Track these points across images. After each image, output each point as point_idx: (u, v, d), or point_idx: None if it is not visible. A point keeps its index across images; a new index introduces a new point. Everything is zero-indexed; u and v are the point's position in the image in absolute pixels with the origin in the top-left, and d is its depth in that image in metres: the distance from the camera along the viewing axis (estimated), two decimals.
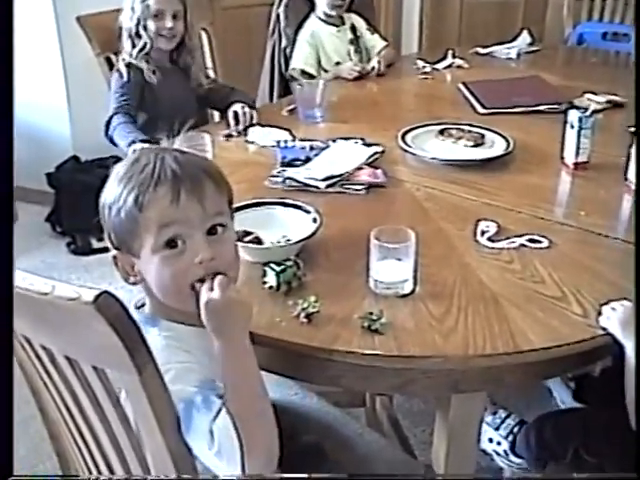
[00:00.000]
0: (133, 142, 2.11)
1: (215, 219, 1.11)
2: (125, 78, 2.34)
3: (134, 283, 1.13)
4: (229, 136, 2.19)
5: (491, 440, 1.86)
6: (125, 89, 2.33)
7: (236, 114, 2.25)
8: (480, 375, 1.25)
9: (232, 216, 1.20)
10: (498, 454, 1.85)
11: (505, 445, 1.84)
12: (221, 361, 1.07)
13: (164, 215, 1.06)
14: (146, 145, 2.11)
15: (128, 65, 2.35)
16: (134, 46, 2.35)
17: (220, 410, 1.03)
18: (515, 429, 1.83)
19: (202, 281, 1.08)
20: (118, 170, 1.11)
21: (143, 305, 1.18)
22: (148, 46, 2.36)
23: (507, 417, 1.86)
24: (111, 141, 2.28)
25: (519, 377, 1.30)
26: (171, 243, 1.08)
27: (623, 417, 1.25)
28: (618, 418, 1.26)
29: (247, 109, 2.26)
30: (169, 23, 2.34)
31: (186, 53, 2.44)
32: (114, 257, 1.13)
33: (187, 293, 1.09)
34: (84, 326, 0.91)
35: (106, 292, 0.88)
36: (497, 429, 1.85)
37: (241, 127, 2.22)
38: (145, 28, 2.35)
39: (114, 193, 1.08)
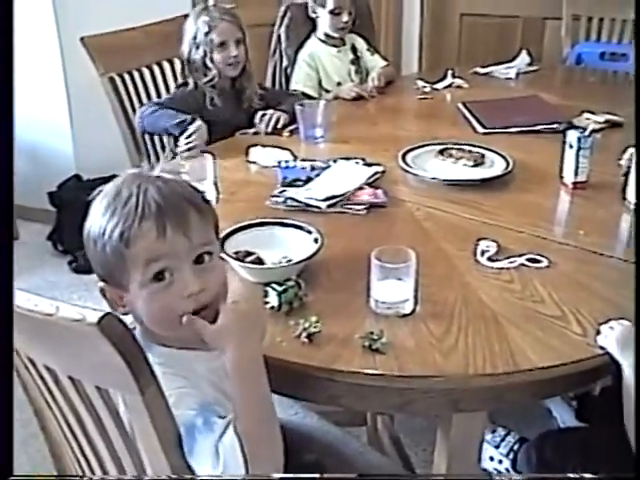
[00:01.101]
0: (186, 122, 2.23)
1: (202, 249, 1.11)
2: (187, 91, 2.43)
3: (124, 313, 1.12)
4: (256, 133, 2.40)
5: (492, 458, 1.87)
6: (177, 99, 2.41)
7: (263, 115, 2.40)
8: (480, 394, 1.26)
9: (220, 240, 1.21)
10: (499, 472, 1.85)
11: (506, 463, 1.84)
12: (234, 376, 1.07)
13: (151, 250, 1.05)
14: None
15: (195, 85, 2.43)
16: (204, 75, 2.41)
17: (225, 430, 1.04)
18: (515, 447, 1.83)
19: (195, 314, 1.09)
20: (101, 200, 1.09)
21: (133, 329, 1.18)
22: (217, 78, 2.41)
23: (507, 435, 1.86)
24: (147, 126, 2.36)
25: (519, 396, 1.31)
26: (159, 277, 1.07)
27: (623, 436, 1.26)
28: (618, 437, 1.27)
29: (276, 112, 2.40)
30: (234, 51, 2.40)
31: (246, 78, 2.50)
32: (101, 289, 1.12)
33: (178, 322, 1.08)
34: (88, 347, 0.92)
35: (110, 313, 0.89)
36: (497, 447, 1.86)
37: (264, 127, 2.39)
38: (212, 60, 2.40)
39: (98, 226, 1.07)
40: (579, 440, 1.56)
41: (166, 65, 2.73)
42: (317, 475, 1.30)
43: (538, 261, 1.56)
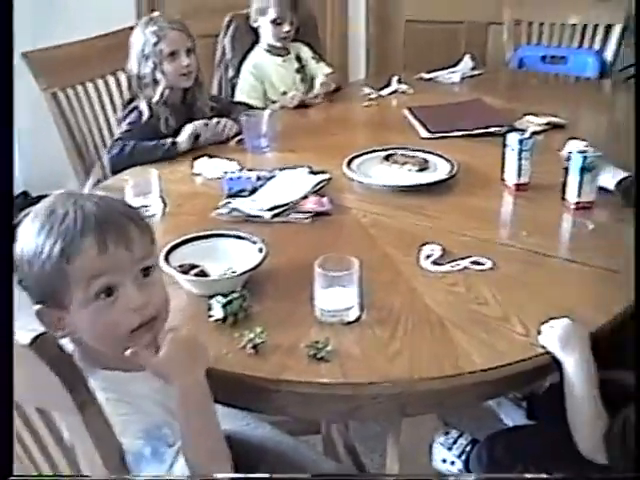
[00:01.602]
0: (167, 146, 2.22)
1: (143, 262, 1.10)
2: (143, 121, 2.31)
3: (63, 336, 1.09)
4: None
5: (444, 460, 1.88)
6: (136, 132, 2.28)
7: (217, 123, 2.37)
8: (427, 398, 1.27)
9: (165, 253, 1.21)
10: (453, 474, 1.87)
11: (459, 465, 1.86)
12: (181, 407, 1.07)
13: (93, 266, 1.04)
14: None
15: (150, 110, 2.31)
16: (154, 91, 2.31)
17: (176, 458, 1.03)
18: (468, 448, 1.85)
19: (142, 328, 1.09)
20: (32, 221, 1.07)
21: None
22: (167, 91, 2.32)
23: (459, 437, 1.88)
24: (124, 164, 2.18)
25: (466, 398, 1.33)
26: (102, 293, 1.06)
27: (569, 433, 1.28)
28: (566, 433, 1.29)
29: (229, 121, 2.38)
30: (186, 61, 2.31)
31: (198, 89, 2.43)
32: (38, 312, 1.07)
33: (126, 340, 1.08)
34: (23, 368, 0.91)
35: (44, 333, 0.87)
36: (450, 449, 1.87)
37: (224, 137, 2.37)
38: (163, 72, 2.30)
39: (33, 247, 1.05)
40: (528, 438, 1.58)
41: (111, 79, 2.70)
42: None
43: (482, 263, 1.58)
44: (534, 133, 2.17)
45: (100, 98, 2.66)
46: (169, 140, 2.26)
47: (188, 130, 2.28)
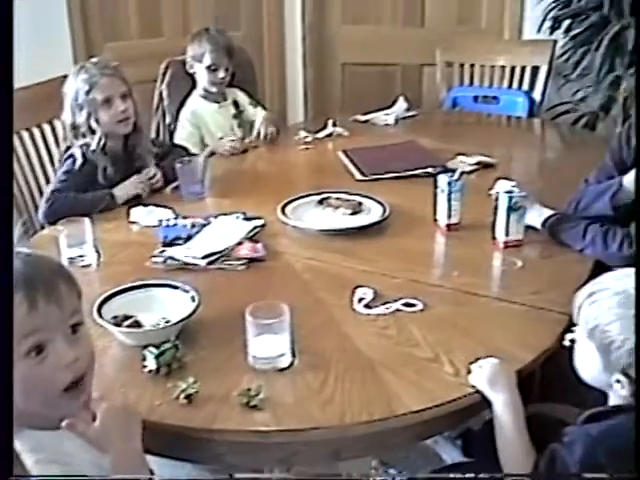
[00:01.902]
0: (106, 198, 2.18)
1: (73, 318, 1.10)
2: (77, 167, 2.24)
3: None
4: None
5: None
6: (71, 181, 2.22)
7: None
8: (360, 442, 1.29)
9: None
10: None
11: None
12: (115, 474, 1.08)
13: (23, 324, 1.02)
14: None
15: (84, 158, 2.25)
16: (91, 141, 2.25)
17: None
18: None
19: (74, 384, 1.08)
20: None
21: None
22: (103, 140, 2.26)
23: (398, 474, 1.89)
24: (54, 214, 2.10)
25: (399, 440, 1.35)
26: (32, 351, 1.04)
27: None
28: (499, 470, 1.32)
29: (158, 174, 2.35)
30: (122, 106, 2.25)
31: (137, 135, 2.37)
32: None
33: (57, 397, 1.07)
34: None
35: None
36: None
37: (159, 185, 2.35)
38: (98, 121, 2.24)
39: None
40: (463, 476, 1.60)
41: (47, 128, 2.69)
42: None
43: (413, 305, 1.61)
44: (465, 173, 2.23)
45: (36, 146, 2.65)
46: (106, 192, 2.22)
47: (130, 191, 2.25)
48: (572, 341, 1.33)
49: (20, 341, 1.03)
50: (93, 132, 2.26)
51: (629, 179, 1.82)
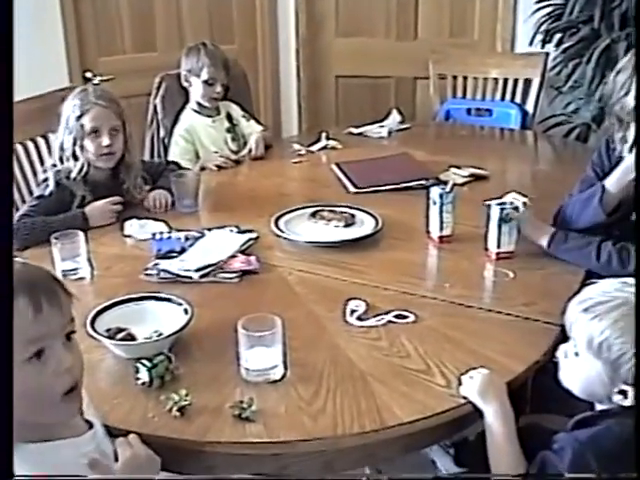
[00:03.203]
0: (80, 215, 2.14)
1: (70, 325, 1.11)
2: (47, 193, 2.20)
3: None
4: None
5: None
6: (43, 205, 2.18)
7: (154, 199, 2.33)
8: (351, 453, 1.30)
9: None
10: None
11: None
12: None
13: (29, 329, 1.03)
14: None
15: (58, 183, 2.20)
16: (74, 166, 2.22)
17: None
18: None
19: (73, 390, 1.10)
20: None
21: None
22: (85, 169, 2.22)
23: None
24: (28, 243, 2.06)
25: (391, 451, 1.35)
26: (35, 357, 1.05)
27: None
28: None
29: (163, 197, 2.33)
30: (106, 140, 2.19)
31: (125, 170, 2.31)
32: None
33: (58, 402, 1.08)
34: None
35: None
36: None
37: (152, 206, 2.32)
38: (82, 148, 2.21)
39: None
40: None
41: (41, 141, 2.70)
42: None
43: (405, 317, 1.62)
44: (457, 185, 2.24)
45: (30, 160, 2.66)
46: (79, 212, 2.17)
47: (99, 222, 2.19)
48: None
49: (25, 347, 1.03)
50: (76, 158, 2.23)
51: (610, 181, 1.84)
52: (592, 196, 1.87)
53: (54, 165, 2.28)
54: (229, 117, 3.01)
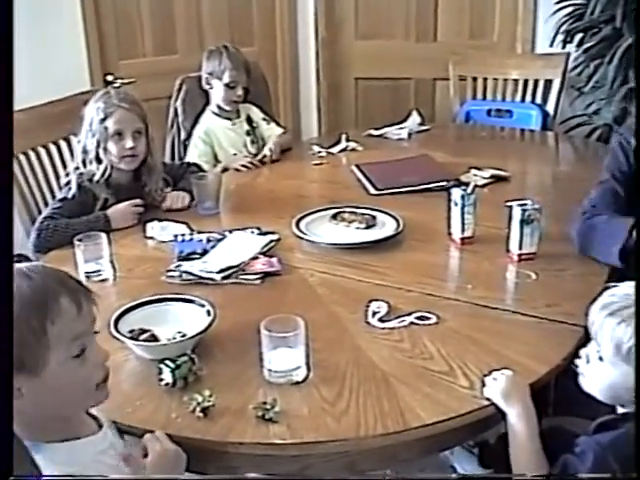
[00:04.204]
0: (103, 217, 2.16)
1: (95, 321, 1.15)
2: (70, 196, 2.21)
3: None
4: None
5: None
6: (65, 208, 2.19)
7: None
8: (375, 454, 1.30)
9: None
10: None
11: None
12: None
13: (75, 327, 1.08)
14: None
15: (80, 186, 2.22)
16: (97, 169, 2.23)
17: None
18: None
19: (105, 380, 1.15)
20: None
21: None
22: (108, 171, 2.24)
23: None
24: (52, 244, 2.09)
25: (413, 452, 1.35)
26: (79, 353, 1.10)
27: None
28: None
29: (180, 197, 2.36)
30: (130, 143, 2.21)
31: (147, 173, 2.33)
32: None
33: (91, 394, 1.14)
34: None
35: None
36: None
37: (169, 205, 2.34)
38: (105, 151, 2.23)
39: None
40: None
41: (63, 144, 2.72)
42: None
43: (427, 318, 1.62)
44: (478, 186, 2.23)
45: (53, 163, 2.68)
46: (101, 214, 2.19)
47: (121, 224, 2.20)
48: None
49: (72, 344, 1.08)
50: (99, 161, 2.24)
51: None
52: (616, 236, 1.81)
53: (77, 168, 2.29)
54: (249, 120, 3.02)
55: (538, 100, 3.46)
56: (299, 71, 4.23)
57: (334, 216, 2.17)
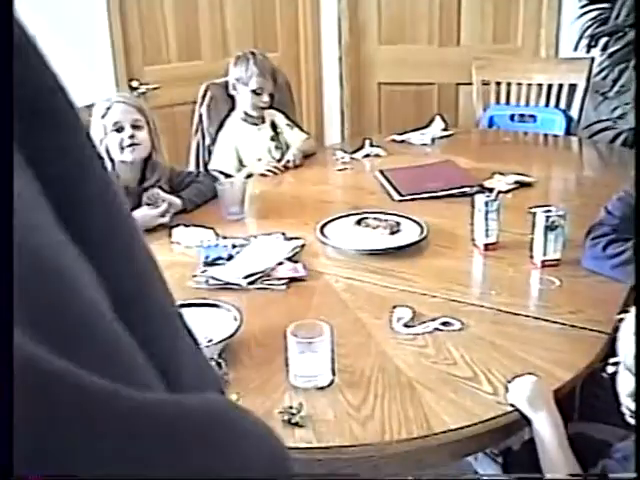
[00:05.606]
0: None
1: None
2: None
3: None
4: None
5: None
6: None
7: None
8: (399, 460, 1.31)
9: None
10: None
11: None
12: None
13: None
14: None
15: None
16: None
17: None
18: None
19: None
20: None
21: None
22: (110, 166, 2.24)
23: None
24: None
25: (437, 458, 1.36)
26: None
27: None
28: None
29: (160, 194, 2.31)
30: (130, 132, 2.24)
31: (150, 169, 2.34)
32: None
33: None
34: None
35: None
36: None
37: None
38: (106, 147, 2.25)
39: None
40: None
41: None
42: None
43: (451, 324, 1.63)
44: (502, 192, 2.24)
45: None
46: None
47: (147, 222, 2.21)
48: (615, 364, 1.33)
49: None
50: (100, 158, 2.25)
51: None
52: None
53: None
54: (273, 126, 3.05)
55: (562, 105, 3.46)
56: (322, 76, 4.26)
57: (358, 222, 2.18)
